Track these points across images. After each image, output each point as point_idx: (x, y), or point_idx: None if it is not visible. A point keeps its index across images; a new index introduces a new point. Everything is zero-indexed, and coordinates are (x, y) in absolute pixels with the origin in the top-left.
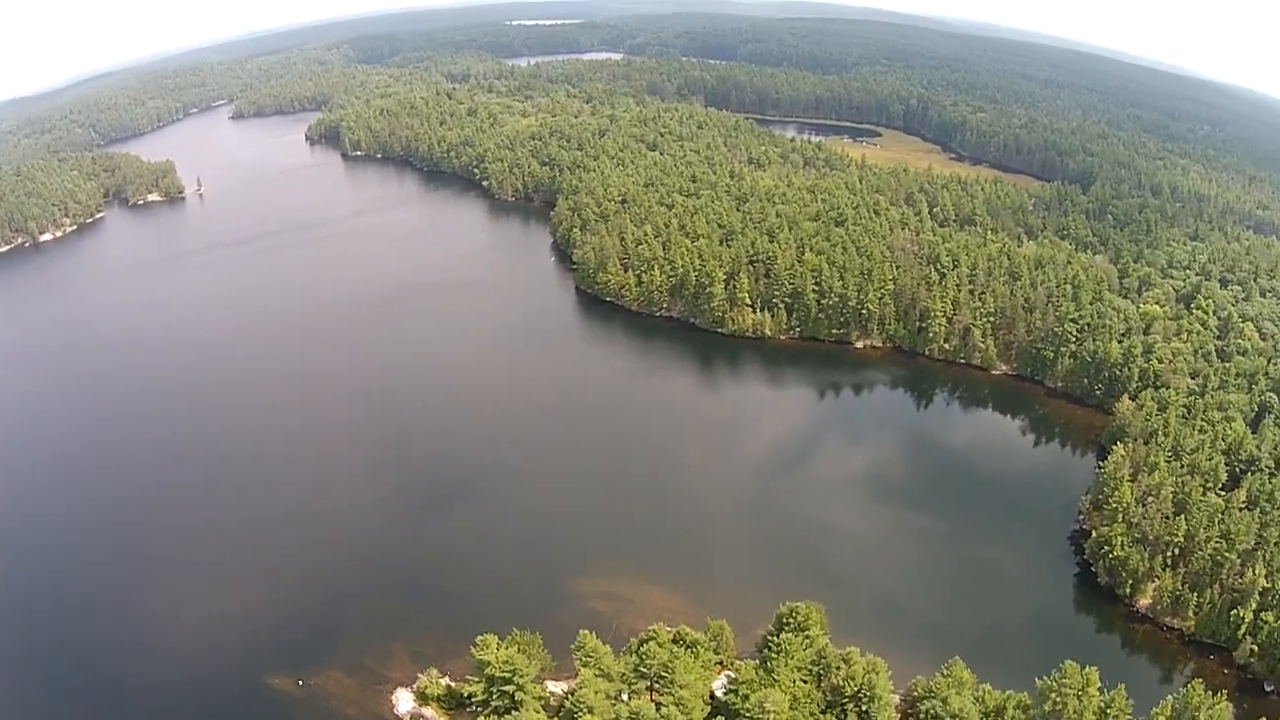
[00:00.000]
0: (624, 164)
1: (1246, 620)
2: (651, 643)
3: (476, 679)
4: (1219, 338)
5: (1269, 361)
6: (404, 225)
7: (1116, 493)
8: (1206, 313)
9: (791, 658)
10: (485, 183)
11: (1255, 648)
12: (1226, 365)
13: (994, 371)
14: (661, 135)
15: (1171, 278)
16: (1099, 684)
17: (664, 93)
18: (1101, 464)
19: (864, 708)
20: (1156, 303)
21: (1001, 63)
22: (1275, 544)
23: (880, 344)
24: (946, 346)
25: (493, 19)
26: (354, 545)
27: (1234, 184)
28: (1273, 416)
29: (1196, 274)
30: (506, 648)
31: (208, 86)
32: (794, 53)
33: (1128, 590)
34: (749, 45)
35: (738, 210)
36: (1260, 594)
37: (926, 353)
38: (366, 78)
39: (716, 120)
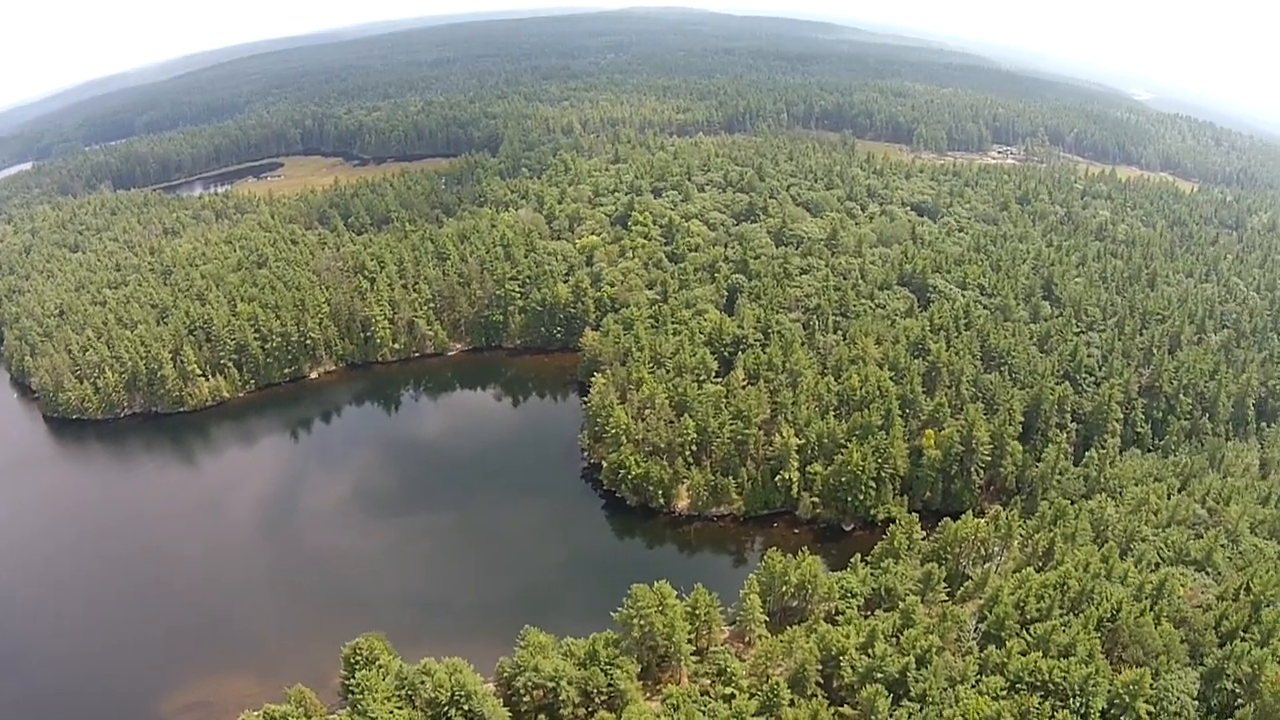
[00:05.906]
0: (53, 275)
1: (795, 480)
2: None
3: None
4: (667, 243)
5: (725, 247)
6: None
7: (611, 419)
8: (646, 225)
9: (376, 692)
10: None
11: (816, 499)
12: (682, 265)
13: (450, 353)
14: (80, 234)
15: (601, 205)
16: (674, 593)
17: (73, 190)
18: (586, 399)
19: (466, 707)
20: (593, 233)
21: (388, 57)
22: (791, 404)
23: (334, 366)
24: (397, 346)
25: None
26: None
27: (648, 99)
28: (744, 295)
29: (626, 193)
30: None
31: None
32: (188, 110)
33: (661, 500)
34: (146, 115)
35: (165, 285)
36: (798, 451)
37: (380, 359)
38: None
39: (126, 201)
